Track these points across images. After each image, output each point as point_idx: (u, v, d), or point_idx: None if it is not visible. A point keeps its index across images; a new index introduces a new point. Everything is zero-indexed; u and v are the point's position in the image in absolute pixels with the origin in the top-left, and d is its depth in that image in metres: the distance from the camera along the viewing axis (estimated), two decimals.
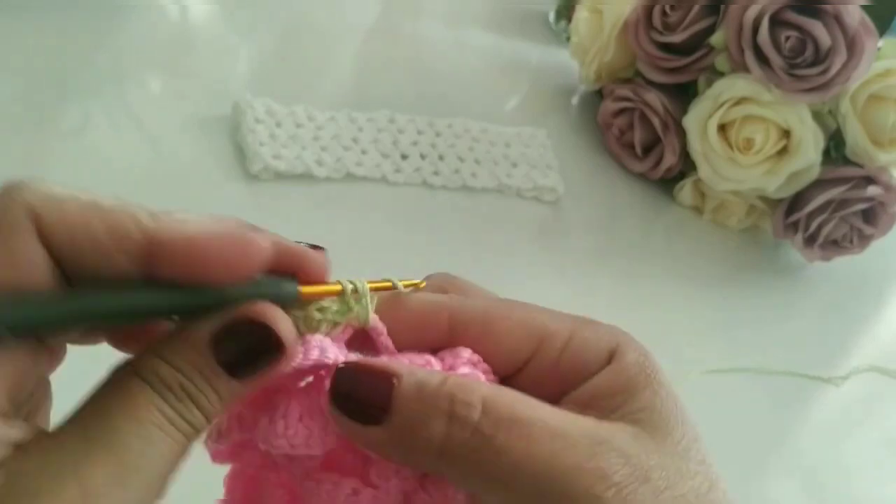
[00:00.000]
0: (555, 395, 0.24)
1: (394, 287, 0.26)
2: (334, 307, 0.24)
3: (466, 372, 0.24)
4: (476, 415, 0.21)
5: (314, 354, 0.23)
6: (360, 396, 0.22)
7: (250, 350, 0.22)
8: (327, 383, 0.23)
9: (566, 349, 0.24)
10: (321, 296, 0.24)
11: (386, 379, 0.22)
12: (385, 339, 0.25)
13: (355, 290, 0.24)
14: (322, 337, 0.24)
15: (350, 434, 0.23)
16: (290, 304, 0.23)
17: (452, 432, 0.21)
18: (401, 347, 0.25)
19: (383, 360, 0.23)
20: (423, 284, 0.27)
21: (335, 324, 0.24)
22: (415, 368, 0.23)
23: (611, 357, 0.24)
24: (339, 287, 0.24)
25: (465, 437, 0.21)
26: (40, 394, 0.22)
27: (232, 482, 0.26)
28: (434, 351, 0.25)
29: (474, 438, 0.21)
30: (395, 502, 0.24)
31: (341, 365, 0.23)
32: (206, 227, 0.21)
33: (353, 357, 0.24)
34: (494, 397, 0.22)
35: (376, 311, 0.25)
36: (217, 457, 0.25)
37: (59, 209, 0.20)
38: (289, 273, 0.24)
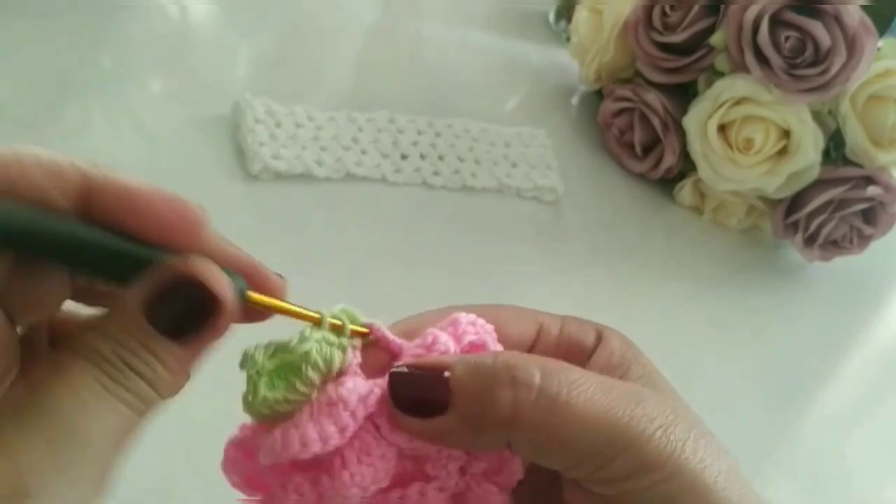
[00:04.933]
0: None
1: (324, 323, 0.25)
2: (329, 337, 0.24)
3: (473, 338, 0.25)
4: (538, 378, 0.23)
5: (354, 401, 0.23)
6: (419, 395, 0.23)
7: (186, 309, 0.21)
8: (368, 409, 0.23)
9: (561, 334, 0.27)
10: (268, 308, 0.23)
11: (438, 373, 0.23)
12: (390, 337, 0.25)
13: (320, 321, 0.24)
14: (347, 379, 0.24)
15: (419, 431, 0.23)
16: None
17: (519, 397, 0.23)
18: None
19: (431, 357, 0.24)
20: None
21: (343, 352, 0.24)
22: (463, 356, 0.24)
23: (599, 339, 0.27)
24: (288, 306, 0.24)
25: (532, 400, 0.23)
26: (7, 358, 0.21)
27: None
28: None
29: (541, 399, 0.23)
30: (454, 483, 0.25)
31: (394, 370, 0.24)
32: (146, 184, 0.21)
33: (379, 380, 0.24)
34: (546, 361, 0.24)
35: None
36: None
37: (13, 156, 0.19)
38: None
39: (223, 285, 0.21)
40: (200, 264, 0.21)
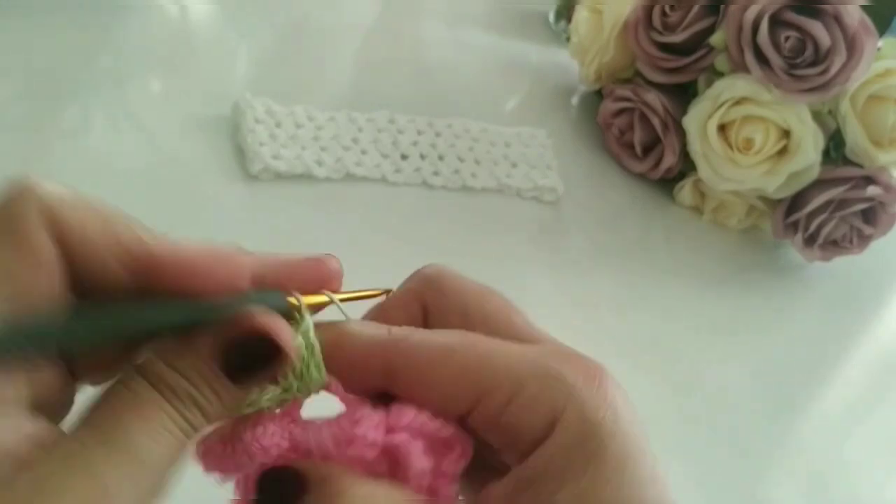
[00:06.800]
0: (499, 447, 0.25)
1: (330, 301, 0.26)
2: (278, 389, 0.25)
3: (403, 438, 0.24)
4: None
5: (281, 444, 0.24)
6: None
7: (253, 358, 0.23)
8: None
9: (506, 409, 0.24)
10: (311, 307, 0.25)
11: (299, 487, 0.23)
12: (338, 390, 0.25)
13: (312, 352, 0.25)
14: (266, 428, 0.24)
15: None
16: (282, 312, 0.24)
17: None
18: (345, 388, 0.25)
19: (301, 464, 0.24)
20: (391, 292, 0.28)
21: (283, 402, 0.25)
22: (319, 466, 0.24)
23: (554, 423, 0.23)
24: (324, 298, 0.26)
25: None
26: (64, 399, 0.23)
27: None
28: (386, 399, 0.25)
29: None
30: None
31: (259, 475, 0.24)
32: (197, 246, 0.23)
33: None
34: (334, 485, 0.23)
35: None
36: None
37: (76, 216, 0.21)
38: (283, 287, 0.25)
39: (287, 336, 0.23)
40: (269, 318, 0.23)
